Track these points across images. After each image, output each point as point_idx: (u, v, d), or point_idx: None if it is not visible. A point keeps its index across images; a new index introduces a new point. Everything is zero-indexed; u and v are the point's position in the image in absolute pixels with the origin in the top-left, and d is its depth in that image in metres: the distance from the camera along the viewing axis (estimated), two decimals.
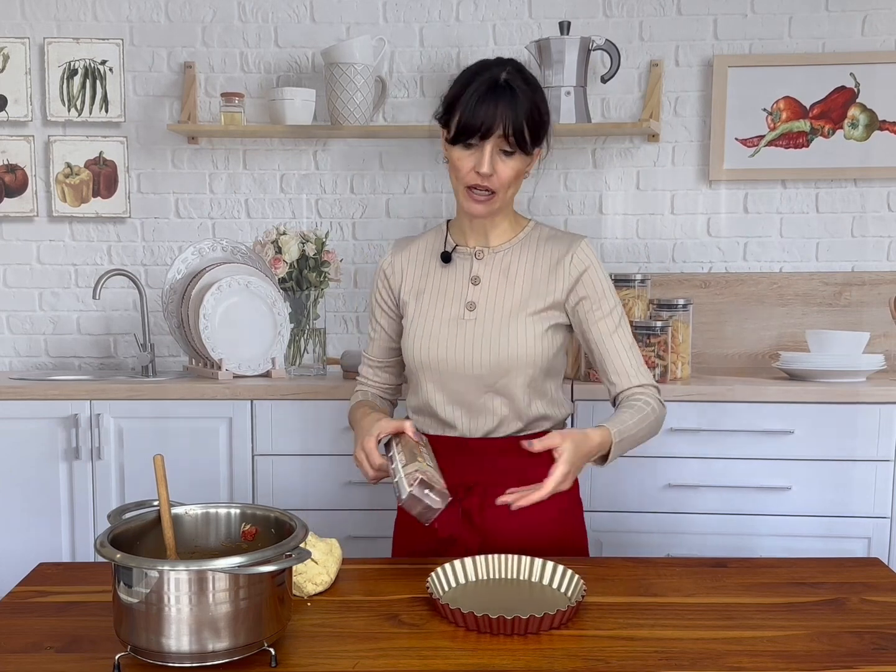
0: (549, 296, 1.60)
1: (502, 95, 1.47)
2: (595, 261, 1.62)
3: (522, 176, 1.57)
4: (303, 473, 2.47)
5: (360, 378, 1.81)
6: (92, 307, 2.98)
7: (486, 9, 2.87)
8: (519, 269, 1.62)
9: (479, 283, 1.62)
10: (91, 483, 2.48)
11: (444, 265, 1.65)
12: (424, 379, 1.63)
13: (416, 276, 1.67)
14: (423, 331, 1.62)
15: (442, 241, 1.68)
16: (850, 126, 2.80)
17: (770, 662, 1.12)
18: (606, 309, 1.61)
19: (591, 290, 1.60)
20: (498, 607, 1.19)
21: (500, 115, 1.46)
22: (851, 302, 2.85)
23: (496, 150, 1.49)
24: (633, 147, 2.89)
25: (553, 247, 1.63)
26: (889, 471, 2.38)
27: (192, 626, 1.04)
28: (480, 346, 1.58)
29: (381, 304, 1.72)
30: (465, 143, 1.50)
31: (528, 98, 1.49)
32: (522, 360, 1.58)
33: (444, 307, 1.62)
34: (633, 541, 2.40)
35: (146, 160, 2.94)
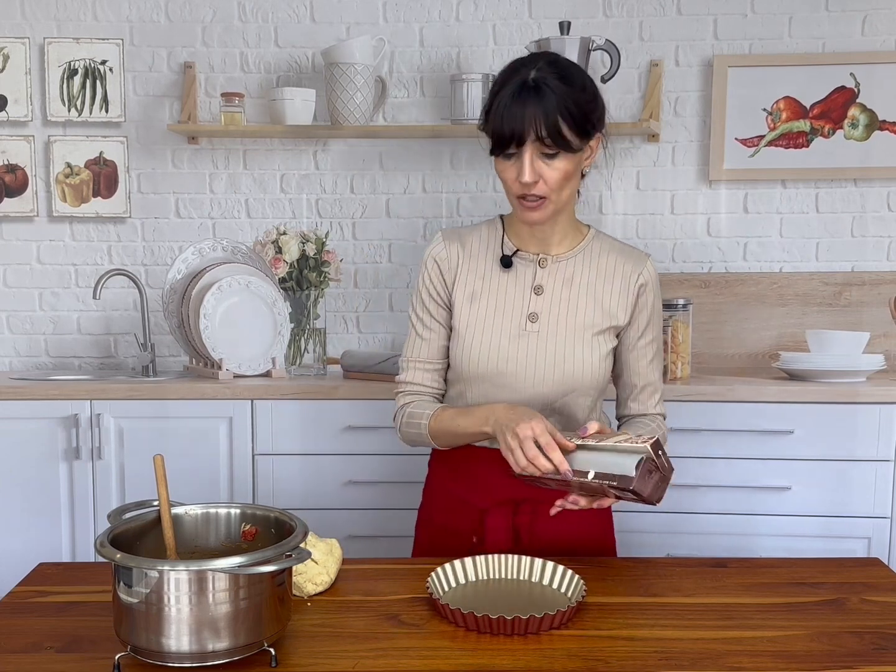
0: (612, 317, 1.55)
1: (529, 97, 1.38)
2: (657, 285, 1.60)
3: (576, 175, 1.47)
4: (303, 473, 2.47)
5: (407, 388, 1.61)
6: (92, 307, 2.98)
7: (486, 9, 2.87)
8: (582, 281, 1.55)
9: (542, 293, 1.54)
10: (91, 483, 2.48)
11: (504, 270, 1.55)
12: (477, 390, 1.54)
13: (472, 276, 1.55)
14: (481, 339, 1.52)
15: (497, 240, 1.57)
16: (850, 126, 2.80)
17: (770, 662, 1.12)
18: (650, 337, 1.60)
19: (647, 314, 1.58)
20: (498, 607, 1.19)
21: (528, 119, 1.38)
22: (851, 302, 2.85)
23: (537, 154, 1.40)
24: (633, 147, 2.89)
25: (618, 261, 1.57)
26: (889, 471, 2.38)
27: (192, 626, 1.04)
28: (545, 363, 1.51)
29: (436, 297, 1.57)
30: (505, 153, 1.42)
31: (560, 93, 1.38)
32: (588, 381, 1.53)
33: (504, 315, 1.53)
34: (633, 541, 2.40)
35: (146, 160, 2.94)
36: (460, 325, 1.55)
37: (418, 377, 1.60)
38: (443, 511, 1.61)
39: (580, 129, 1.41)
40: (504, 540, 1.53)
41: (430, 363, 1.59)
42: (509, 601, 1.29)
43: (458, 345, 1.54)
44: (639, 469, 1.24)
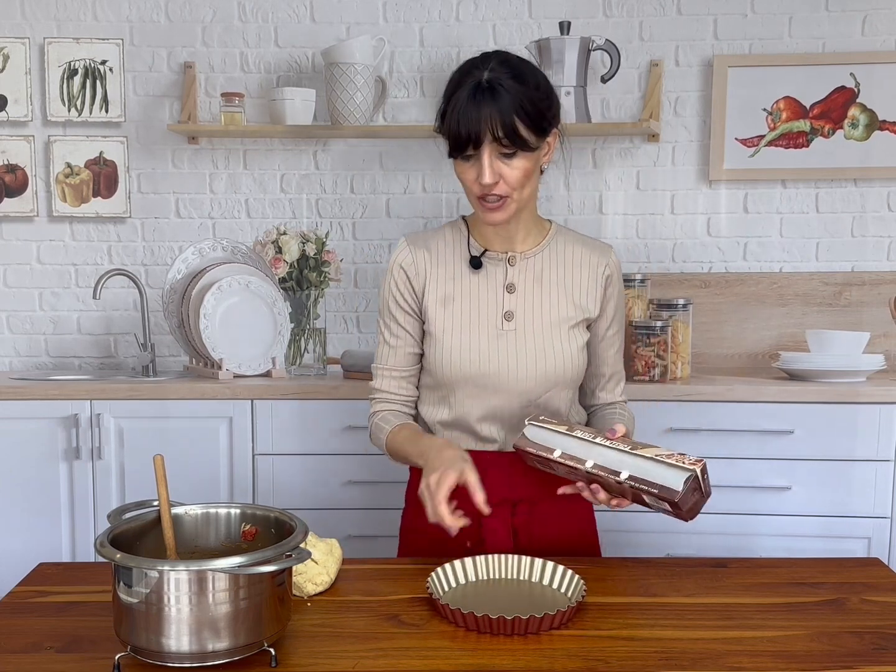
0: (584, 310, 1.57)
1: (484, 98, 1.38)
2: (621, 275, 1.64)
3: (535, 172, 1.47)
4: (303, 473, 2.47)
5: (378, 395, 1.62)
6: (92, 307, 2.98)
7: (486, 9, 2.87)
8: (552, 277, 1.56)
9: (514, 291, 1.54)
10: (91, 483, 2.48)
11: (475, 271, 1.55)
12: (460, 393, 1.54)
13: (442, 279, 1.55)
14: (459, 342, 1.52)
15: (463, 242, 1.57)
16: (850, 126, 2.80)
17: (770, 662, 1.12)
18: (616, 327, 1.63)
19: (614, 304, 1.62)
20: (498, 607, 1.19)
21: (484, 121, 1.37)
22: (851, 302, 2.85)
23: (495, 154, 1.40)
24: (633, 147, 2.89)
25: (584, 254, 1.59)
26: (889, 471, 2.38)
27: (192, 626, 1.04)
28: (525, 360, 1.53)
29: (403, 305, 1.57)
30: (463, 155, 1.42)
31: (514, 93, 1.38)
32: (569, 374, 1.55)
33: (479, 316, 1.53)
34: (633, 541, 2.40)
35: (146, 160, 2.94)
36: (436, 329, 1.54)
37: (387, 384, 1.61)
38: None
39: (536, 126, 1.41)
40: (503, 541, 1.53)
41: (397, 370, 1.60)
42: (509, 601, 1.29)
43: (437, 349, 1.54)
44: (686, 485, 1.29)
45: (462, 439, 1.57)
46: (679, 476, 1.29)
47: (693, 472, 1.29)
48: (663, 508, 1.34)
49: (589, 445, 1.39)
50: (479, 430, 1.56)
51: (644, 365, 2.50)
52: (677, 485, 1.29)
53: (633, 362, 2.52)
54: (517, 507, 1.56)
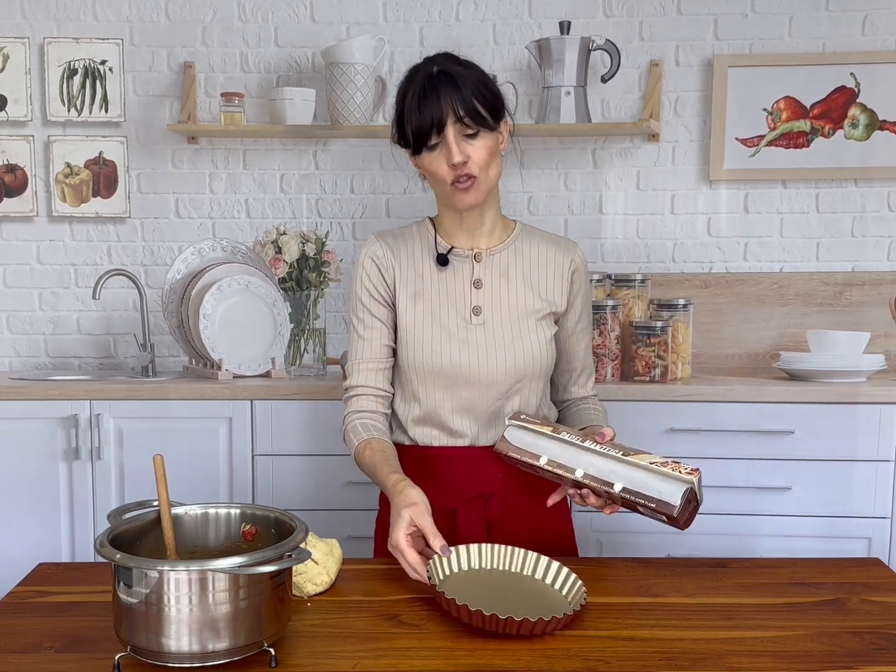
0: (551, 303, 1.61)
1: (441, 84, 1.44)
2: (587, 271, 1.67)
3: (498, 154, 1.52)
4: (303, 473, 2.47)
5: (353, 392, 1.62)
6: (92, 307, 2.97)
7: (486, 9, 2.87)
8: (518, 272, 1.60)
9: (481, 287, 1.58)
10: (91, 483, 2.48)
11: (442, 268, 1.59)
12: (432, 387, 1.56)
13: (411, 276, 1.59)
14: (429, 336, 1.55)
15: (430, 240, 1.62)
16: (851, 126, 2.80)
17: (770, 662, 1.12)
18: (585, 322, 1.67)
19: (581, 299, 1.65)
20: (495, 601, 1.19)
21: (445, 103, 1.43)
22: (851, 302, 2.85)
23: (459, 137, 1.45)
24: (633, 147, 2.89)
25: (549, 251, 1.62)
26: (889, 471, 2.38)
27: (192, 626, 1.04)
28: (495, 353, 1.55)
29: (376, 296, 1.59)
30: (428, 146, 1.47)
31: (468, 77, 1.46)
32: (538, 365, 1.58)
33: (448, 311, 1.57)
34: (633, 541, 2.40)
35: (146, 160, 2.94)
36: (407, 324, 1.57)
37: (363, 378, 1.60)
38: None
39: (492, 108, 1.48)
40: (477, 536, 1.54)
41: (373, 362, 1.60)
42: (507, 596, 1.28)
43: (408, 345, 1.57)
44: (684, 498, 1.28)
45: (434, 435, 1.59)
46: (676, 489, 1.28)
47: (690, 485, 1.28)
48: (658, 519, 1.33)
49: (577, 451, 1.38)
50: (451, 423, 1.58)
51: (644, 365, 2.50)
52: (674, 499, 1.28)
53: (633, 362, 2.52)
54: (490, 501, 1.58)
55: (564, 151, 2.89)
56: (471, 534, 1.54)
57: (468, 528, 1.55)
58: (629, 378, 2.53)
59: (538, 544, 1.54)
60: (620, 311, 2.55)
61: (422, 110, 1.44)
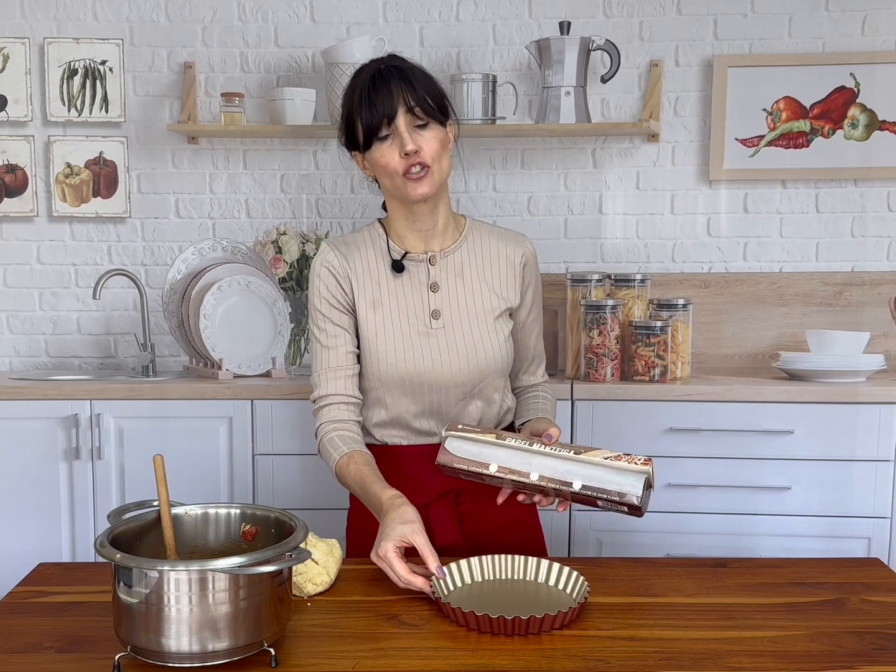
0: (506, 300, 1.63)
1: (390, 77, 1.47)
2: (536, 262, 1.70)
3: (448, 150, 1.53)
4: (303, 473, 2.47)
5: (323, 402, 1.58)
6: (92, 307, 2.98)
7: (486, 9, 2.87)
8: (472, 272, 1.61)
9: (438, 290, 1.59)
10: (91, 483, 2.48)
11: (397, 274, 1.58)
12: (396, 393, 1.57)
13: (368, 284, 1.58)
14: (391, 344, 1.55)
15: (383, 245, 1.60)
16: (850, 126, 2.80)
17: (770, 662, 1.12)
18: (536, 313, 1.70)
19: (532, 291, 1.68)
20: (501, 608, 1.19)
21: (396, 93, 1.46)
22: (851, 302, 2.85)
23: (410, 127, 1.47)
24: (633, 147, 2.89)
25: (500, 246, 1.64)
26: (889, 471, 2.38)
27: (192, 626, 1.04)
28: (458, 355, 1.57)
29: (336, 304, 1.57)
30: (379, 137, 1.48)
31: (416, 71, 1.50)
32: (499, 363, 1.60)
33: (407, 318, 1.57)
34: (633, 541, 2.40)
35: (146, 160, 2.94)
36: (368, 332, 1.57)
37: (332, 387, 1.57)
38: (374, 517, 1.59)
39: (438, 102, 1.51)
40: (451, 531, 1.57)
41: (340, 370, 1.58)
42: (513, 601, 1.28)
43: (370, 353, 1.57)
44: (644, 488, 1.33)
45: (401, 437, 1.61)
46: (636, 480, 1.32)
47: (646, 474, 1.33)
48: (618, 510, 1.36)
49: (527, 454, 1.38)
50: (418, 425, 1.59)
51: (644, 365, 2.50)
52: (636, 489, 1.32)
53: (633, 362, 2.52)
54: (460, 496, 1.60)
55: (564, 151, 2.89)
56: (444, 528, 1.56)
57: (441, 523, 1.56)
58: (629, 378, 2.53)
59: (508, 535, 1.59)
60: (620, 311, 2.55)
61: (372, 102, 1.46)
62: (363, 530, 1.61)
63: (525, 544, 1.59)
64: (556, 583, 1.33)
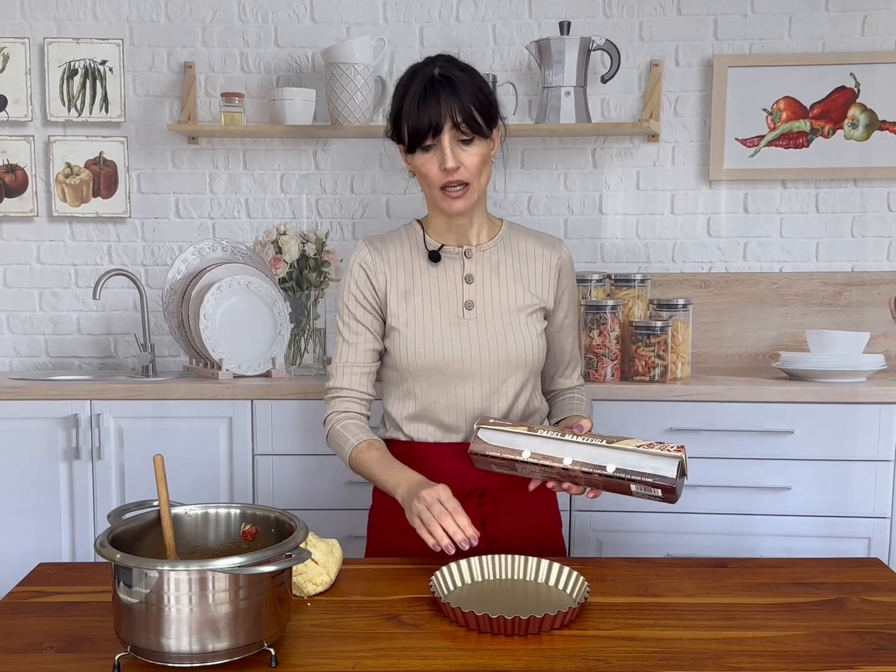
0: (540, 299, 1.64)
1: (441, 88, 1.47)
2: (572, 267, 1.71)
3: (490, 161, 1.55)
4: (303, 473, 2.47)
5: (335, 393, 1.64)
6: (92, 307, 2.98)
7: (486, 9, 2.87)
8: (507, 268, 1.63)
9: (472, 282, 1.60)
10: (91, 483, 2.48)
11: (433, 264, 1.61)
12: (426, 384, 1.58)
13: (402, 276, 1.60)
14: (423, 332, 1.57)
15: (419, 241, 1.64)
16: (850, 126, 2.80)
17: (770, 662, 1.12)
18: (572, 316, 1.71)
19: (568, 294, 1.69)
20: (502, 608, 1.19)
21: (444, 107, 1.46)
22: (851, 302, 2.85)
23: (454, 142, 1.48)
24: (633, 147, 2.89)
25: (536, 247, 1.66)
26: (889, 471, 2.38)
27: (192, 626, 1.04)
28: (488, 346, 1.57)
29: (363, 302, 1.61)
30: (422, 146, 1.49)
31: (467, 83, 1.49)
32: (529, 358, 1.60)
33: (440, 307, 1.58)
34: (633, 541, 2.40)
35: (146, 160, 2.94)
36: (399, 322, 1.59)
37: (346, 381, 1.63)
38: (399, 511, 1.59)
39: (487, 115, 1.51)
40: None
41: (357, 366, 1.62)
42: (513, 601, 1.28)
43: (401, 342, 1.58)
44: (678, 471, 1.34)
45: (429, 432, 1.61)
46: (669, 463, 1.34)
47: (680, 458, 1.35)
48: (652, 495, 1.37)
49: (560, 443, 1.40)
50: (446, 420, 1.59)
51: (644, 365, 2.50)
52: (671, 472, 1.34)
53: (633, 362, 2.52)
54: (485, 497, 1.60)
55: (564, 151, 2.89)
56: None
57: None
58: (629, 378, 2.53)
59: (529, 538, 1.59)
60: (620, 311, 2.55)
61: (420, 112, 1.46)
62: (385, 528, 1.63)
63: (545, 549, 1.60)
64: (557, 583, 1.33)
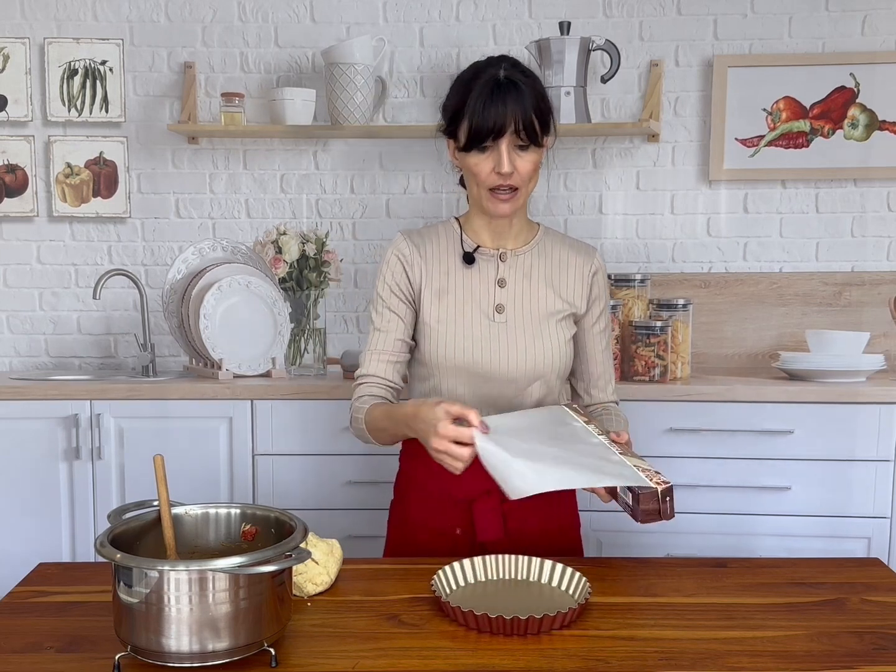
0: (571, 305, 1.64)
1: (508, 92, 1.47)
2: (606, 276, 1.71)
3: (539, 166, 1.55)
4: (303, 473, 2.47)
5: (364, 380, 1.63)
6: (92, 307, 2.98)
7: (486, 9, 2.87)
8: (540, 273, 1.63)
9: (505, 286, 1.61)
10: (91, 483, 2.48)
11: (468, 266, 1.62)
12: (453, 383, 1.60)
13: (437, 274, 1.61)
14: (454, 331, 1.58)
15: (456, 239, 1.64)
16: (850, 126, 2.80)
17: (770, 662, 1.12)
18: (603, 324, 1.70)
19: (600, 303, 1.69)
20: (503, 608, 1.19)
21: (510, 112, 1.46)
22: (851, 302, 2.85)
23: (512, 147, 1.48)
24: (633, 147, 2.89)
25: (570, 254, 1.66)
26: (889, 471, 2.38)
27: (192, 626, 1.04)
28: (516, 350, 1.59)
29: (398, 292, 1.62)
30: (480, 147, 1.49)
31: (532, 90, 1.49)
32: (556, 364, 1.61)
33: (472, 308, 1.60)
34: (633, 541, 2.40)
35: (146, 160, 2.94)
36: (431, 319, 1.60)
37: (374, 368, 1.62)
38: (420, 507, 1.62)
39: (544, 125, 1.52)
40: (494, 527, 1.55)
41: (386, 353, 1.62)
42: (515, 602, 1.28)
43: (431, 339, 1.59)
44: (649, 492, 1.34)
45: None
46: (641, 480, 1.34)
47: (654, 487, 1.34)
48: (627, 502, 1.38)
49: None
50: None
51: (644, 365, 2.50)
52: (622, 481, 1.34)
53: (633, 362, 2.52)
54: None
55: (564, 151, 2.89)
56: (487, 524, 1.55)
57: (484, 519, 1.56)
58: (629, 378, 2.53)
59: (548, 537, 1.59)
60: (620, 311, 2.55)
61: (485, 113, 1.46)
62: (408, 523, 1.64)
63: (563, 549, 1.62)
64: (560, 584, 1.33)
